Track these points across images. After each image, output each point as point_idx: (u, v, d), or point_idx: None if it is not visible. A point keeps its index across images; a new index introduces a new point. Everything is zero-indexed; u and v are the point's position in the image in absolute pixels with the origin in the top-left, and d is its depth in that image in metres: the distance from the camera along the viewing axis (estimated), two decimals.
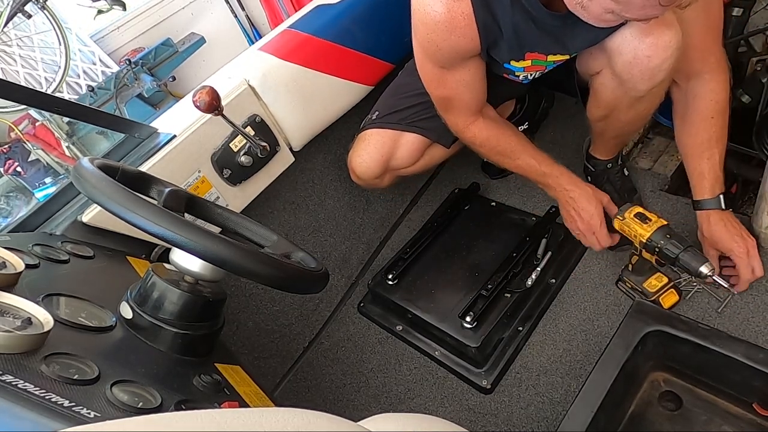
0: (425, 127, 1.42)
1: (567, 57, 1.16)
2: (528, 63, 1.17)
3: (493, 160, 1.39)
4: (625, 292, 1.33)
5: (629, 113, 1.23)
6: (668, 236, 1.12)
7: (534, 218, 1.57)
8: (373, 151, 1.44)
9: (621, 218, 1.19)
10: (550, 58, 1.15)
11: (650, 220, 1.15)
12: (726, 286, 1.11)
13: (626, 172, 1.50)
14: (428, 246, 1.61)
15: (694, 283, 1.29)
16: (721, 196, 1.19)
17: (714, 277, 1.09)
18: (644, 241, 1.14)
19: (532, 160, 1.31)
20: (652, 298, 1.24)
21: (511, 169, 1.37)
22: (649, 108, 1.23)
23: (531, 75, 1.26)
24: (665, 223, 1.14)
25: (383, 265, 1.63)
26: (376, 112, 1.48)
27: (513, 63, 1.17)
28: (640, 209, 1.18)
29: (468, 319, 1.33)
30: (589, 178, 1.53)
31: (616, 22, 0.93)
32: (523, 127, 1.71)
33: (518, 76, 1.26)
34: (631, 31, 1.05)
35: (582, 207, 1.27)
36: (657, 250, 1.13)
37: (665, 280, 1.25)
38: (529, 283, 1.40)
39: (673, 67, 1.08)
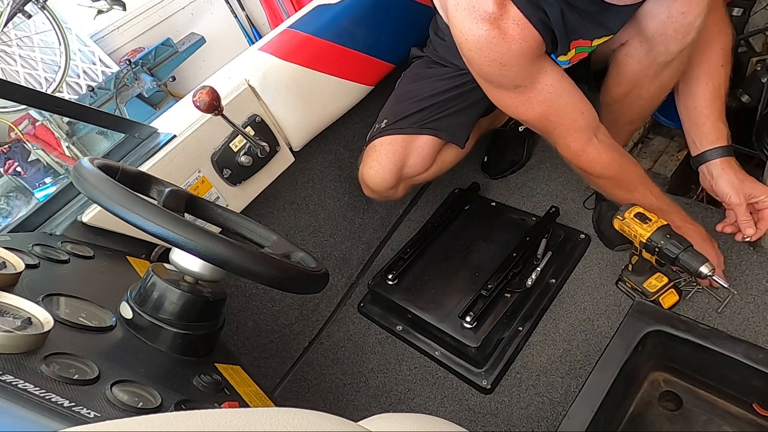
0: (437, 127, 1.40)
1: (611, 37, 1.13)
2: (572, 53, 1.14)
3: (605, 189, 1.27)
4: (625, 292, 1.33)
5: (652, 87, 1.20)
6: (668, 236, 1.12)
7: (534, 218, 1.57)
8: (385, 161, 1.40)
9: (621, 218, 1.18)
10: (595, 42, 1.12)
11: (650, 220, 1.14)
12: (725, 286, 1.10)
13: None
14: (428, 246, 1.61)
15: (694, 283, 1.29)
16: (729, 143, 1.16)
17: (714, 277, 1.08)
18: (644, 241, 1.14)
19: (649, 194, 1.22)
20: (652, 298, 1.24)
21: (621, 200, 1.24)
22: (671, 78, 1.18)
23: (574, 64, 1.23)
24: (665, 223, 1.14)
25: (383, 265, 1.63)
26: (384, 121, 1.44)
27: (560, 57, 1.14)
28: (640, 209, 1.17)
29: (468, 319, 1.33)
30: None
31: None
32: (524, 127, 1.71)
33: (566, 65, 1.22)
34: (661, 8, 1.04)
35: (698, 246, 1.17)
36: (657, 250, 1.13)
37: (665, 280, 1.25)
38: (529, 283, 1.40)
39: (702, 25, 1.07)
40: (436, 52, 1.43)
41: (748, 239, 1.15)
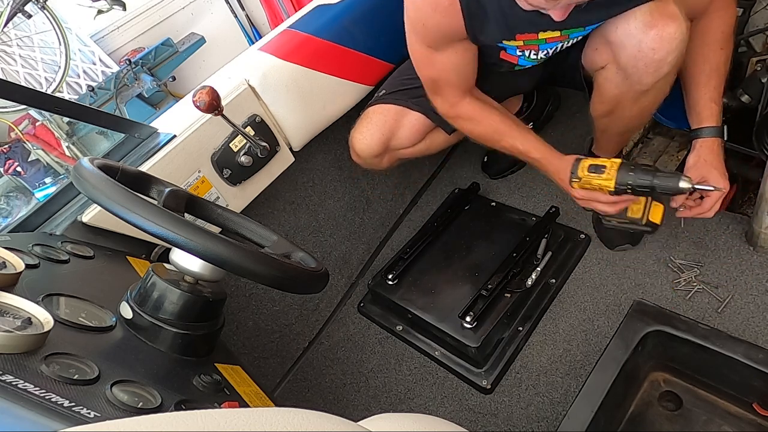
0: (429, 108, 1.41)
1: (558, 33, 1.13)
2: (520, 43, 1.16)
3: (482, 141, 1.35)
4: (612, 227, 1.27)
5: (633, 108, 1.22)
6: (631, 171, 1.07)
7: (534, 218, 1.57)
8: (375, 129, 1.44)
9: (577, 179, 1.14)
10: (542, 35, 1.13)
11: (605, 166, 1.09)
12: (711, 189, 1.08)
13: None
14: (428, 246, 1.61)
15: (694, 283, 1.29)
16: (725, 127, 1.15)
17: (696, 186, 1.06)
18: (613, 189, 1.09)
19: (515, 140, 1.28)
20: (644, 222, 1.19)
21: (500, 150, 1.34)
22: (653, 102, 1.21)
23: (528, 53, 1.23)
24: (620, 161, 1.09)
25: (383, 265, 1.63)
26: (383, 90, 1.48)
27: (506, 42, 1.17)
28: (589, 161, 1.13)
29: (468, 319, 1.33)
30: None
31: None
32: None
33: (516, 56, 1.24)
34: (636, 24, 1.04)
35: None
36: (630, 189, 1.08)
37: (643, 199, 1.19)
38: (529, 283, 1.40)
39: (679, 60, 1.07)
40: None
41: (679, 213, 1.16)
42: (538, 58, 1.23)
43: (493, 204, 1.69)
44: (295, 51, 1.40)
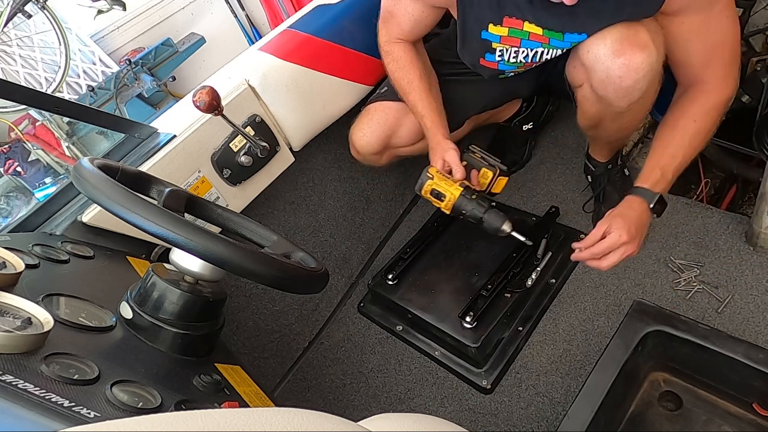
0: None
1: (540, 32, 1.14)
2: (505, 32, 1.16)
3: (397, 88, 1.38)
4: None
5: (614, 125, 1.24)
6: (466, 205, 1.24)
7: (534, 218, 1.57)
8: (375, 126, 1.44)
9: (420, 193, 1.30)
10: (526, 26, 1.13)
11: (444, 195, 1.25)
12: (523, 240, 1.24)
13: (627, 172, 1.50)
14: (428, 246, 1.61)
15: (694, 283, 1.29)
16: (659, 196, 1.14)
17: (512, 233, 1.24)
18: (449, 212, 1.27)
19: (419, 101, 1.33)
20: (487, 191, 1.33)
21: (407, 104, 1.38)
22: (634, 120, 1.23)
23: (508, 54, 1.21)
24: (459, 192, 1.24)
25: (383, 265, 1.63)
26: (385, 88, 1.48)
27: (491, 29, 1.16)
28: (433, 185, 1.26)
29: (468, 319, 1.33)
30: (589, 177, 1.53)
31: None
32: (527, 126, 1.71)
33: (495, 62, 1.24)
34: (604, 50, 1.06)
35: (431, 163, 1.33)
36: (463, 215, 1.26)
37: (489, 174, 1.32)
38: (529, 283, 1.40)
39: (650, 87, 1.08)
40: (435, 47, 1.46)
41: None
42: (518, 61, 1.22)
43: (493, 204, 1.68)
44: (295, 51, 1.40)
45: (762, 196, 1.22)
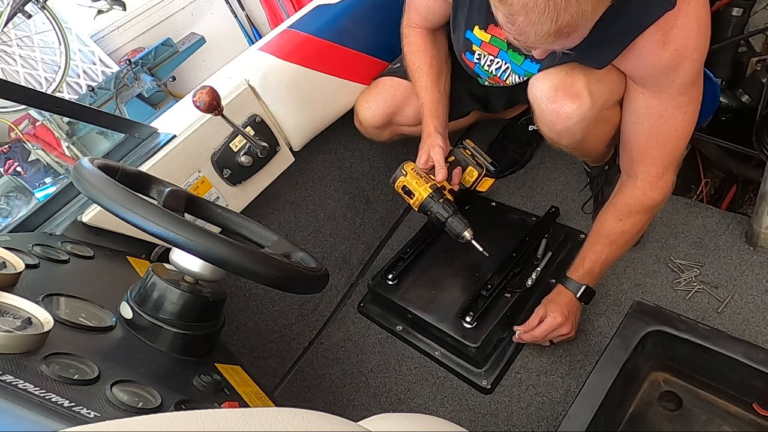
0: None
1: (524, 58, 1.15)
2: (488, 38, 1.16)
3: (408, 70, 1.39)
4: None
5: (576, 151, 1.25)
6: (431, 207, 1.27)
7: (534, 218, 1.57)
8: (382, 101, 1.44)
9: (393, 185, 1.32)
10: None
11: (414, 194, 1.28)
12: (481, 250, 1.27)
13: None
14: (428, 246, 1.61)
15: (694, 283, 1.29)
16: (584, 288, 1.21)
17: (472, 241, 1.27)
18: (416, 209, 1.31)
19: (423, 89, 1.33)
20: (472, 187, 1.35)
21: (414, 89, 1.38)
22: (595, 145, 1.23)
23: (485, 60, 1.22)
24: (428, 193, 1.27)
25: (383, 265, 1.63)
26: (398, 64, 1.48)
27: (476, 31, 1.17)
28: (405, 181, 1.29)
29: (468, 319, 1.33)
30: (588, 178, 1.53)
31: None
32: (533, 128, 1.71)
33: (473, 63, 1.24)
34: (541, 94, 1.08)
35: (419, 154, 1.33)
36: (429, 214, 1.28)
37: (474, 173, 1.34)
38: (529, 283, 1.40)
39: (588, 127, 1.08)
40: None
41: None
42: (491, 71, 1.23)
43: (493, 204, 1.68)
44: (295, 51, 1.40)
45: (762, 196, 1.22)
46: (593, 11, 0.78)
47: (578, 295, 1.21)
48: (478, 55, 1.21)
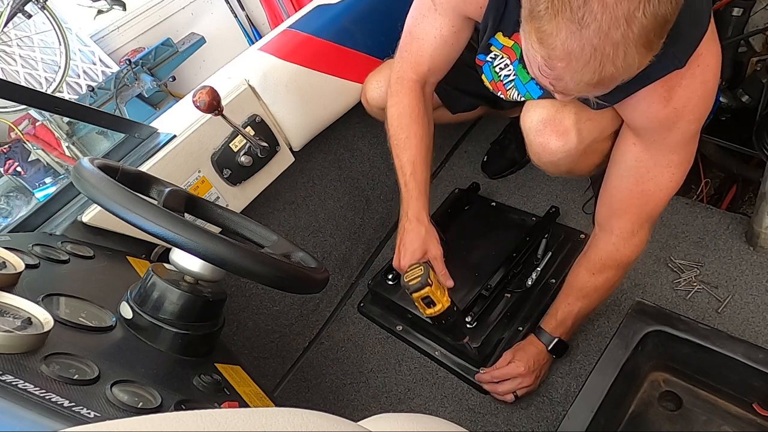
0: (443, 88, 1.38)
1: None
2: (510, 44, 1.12)
3: (388, 129, 1.28)
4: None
5: (568, 174, 1.23)
6: (453, 312, 1.17)
7: (534, 218, 1.57)
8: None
9: (409, 293, 1.16)
10: None
11: (435, 303, 1.15)
12: (466, 342, 1.25)
13: None
14: None
15: (694, 283, 1.29)
16: (556, 341, 1.21)
17: (464, 342, 1.24)
18: (429, 318, 1.18)
19: (408, 165, 1.22)
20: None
21: (393, 156, 1.27)
22: (582, 173, 1.22)
23: (495, 62, 1.18)
24: (447, 305, 1.16)
25: (383, 265, 1.63)
26: None
27: (498, 36, 1.12)
28: (428, 291, 1.13)
29: (468, 319, 1.32)
30: (590, 179, 1.53)
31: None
32: None
33: (483, 61, 1.20)
34: (530, 125, 1.08)
35: (405, 243, 1.20)
36: (443, 322, 1.18)
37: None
38: (529, 283, 1.40)
39: (573, 159, 1.08)
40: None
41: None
42: (500, 74, 1.19)
43: (493, 204, 1.68)
44: (295, 51, 1.40)
45: (762, 196, 1.22)
46: (639, 66, 0.73)
47: (549, 348, 1.21)
48: (494, 55, 1.18)
